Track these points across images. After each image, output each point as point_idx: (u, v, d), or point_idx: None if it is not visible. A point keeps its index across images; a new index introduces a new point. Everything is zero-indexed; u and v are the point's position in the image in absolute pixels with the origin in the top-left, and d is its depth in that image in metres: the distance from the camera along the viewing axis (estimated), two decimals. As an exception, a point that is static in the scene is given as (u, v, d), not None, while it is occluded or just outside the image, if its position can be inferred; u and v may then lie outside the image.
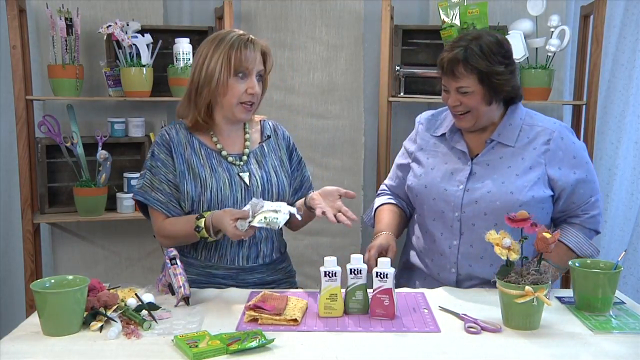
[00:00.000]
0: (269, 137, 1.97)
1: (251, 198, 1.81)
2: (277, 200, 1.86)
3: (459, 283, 1.92)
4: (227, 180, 1.85)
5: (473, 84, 1.82)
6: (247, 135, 1.94)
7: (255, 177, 1.88)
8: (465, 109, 1.87)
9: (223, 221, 1.70)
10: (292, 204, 1.93)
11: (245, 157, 1.90)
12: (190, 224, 1.79)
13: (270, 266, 1.94)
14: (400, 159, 2.12)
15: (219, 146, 1.89)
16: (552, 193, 1.89)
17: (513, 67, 1.87)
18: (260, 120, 2.01)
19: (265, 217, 1.65)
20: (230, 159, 1.88)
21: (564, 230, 1.92)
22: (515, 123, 1.92)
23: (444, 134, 1.98)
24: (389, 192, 2.16)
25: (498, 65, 1.82)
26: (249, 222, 1.66)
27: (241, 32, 1.86)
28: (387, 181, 2.19)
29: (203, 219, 1.77)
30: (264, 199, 1.79)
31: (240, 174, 1.87)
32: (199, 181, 1.84)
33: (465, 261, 1.90)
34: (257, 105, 1.89)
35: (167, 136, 1.89)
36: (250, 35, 1.85)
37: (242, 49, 1.80)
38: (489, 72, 1.81)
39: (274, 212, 1.67)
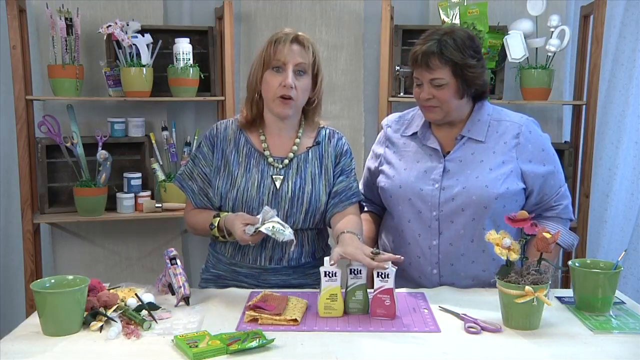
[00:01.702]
0: (318, 143, 1.92)
1: (279, 202, 1.83)
2: (308, 209, 1.85)
3: (442, 284, 1.91)
4: (256, 181, 1.85)
5: (447, 75, 1.84)
6: (298, 140, 1.90)
7: (287, 182, 1.85)
8: (436, 103, 1.88)
9: (234, 224, 1.73)
10: (326, 212, 1.88)
11: (286, 161, 1.87)
12: (208, 220, 1.84)
13: (297, 269, 1.91)
14: (369, 162, 2.12)
15: (264, 145, 1.89)
16: (524, 186, 1.91)
17: (483, 62, 1.90)
18: (321, 126, 1.96)
19: (273, 227, 1.67)
20: (270, 159, 1.87)
21: (544, 225, 1.93)
22: (483, 119, 1.93)
23: (414, 133, 1.99)
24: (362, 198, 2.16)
25: (470, 58, 1.84)
26: (257, 228, 1.68)
27: (287, 30, 1.84)
28: (360, 185, 2.18)
29: (218, 218, 1.82)
30: (293, 206, 1.83)
31: (274, 176, 1.86)
32: (230, 178, 1.86)
33: (447, 260, 1.90)
34: (298, 102, 1.85)
35: (215, 130, 1.93)
36: (295, 32, 1.83)
37: (275, 43, 1.80)
38: (462, 64, 1.83)
39: (282, 226, 1.69)
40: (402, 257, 1.64)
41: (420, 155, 1.95)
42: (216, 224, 1.81)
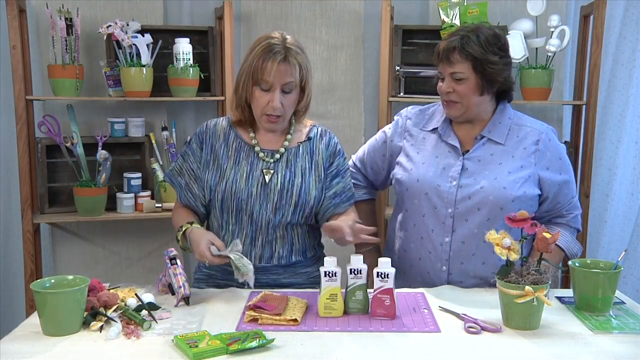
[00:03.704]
0: (309, 139, 1.92)
1: (267, 195, 1.84)
2: (297, 202, 1.84)
3: (450, 282, 1.92)
4: (245, 173, 1.85)
5: (467, 70, 1.86)
6: (289, 136, 1.90)
7: (277, 175, 1.85)
8: (456, 98, 1.89)
9: (201, 238, 1.74)
10: (321, 209, 1.89)
11: (277, 155, 1.87)
12: (180, 222, 1.86)
13: (288, 268, 1.91)
14: (378, 141, 2.11)
15: (254, 141, 1.89)
16: (539, 192, 1.92)
17: (508, 60, 1.91)
18: (310, 125, 1.96)
19: (241, 257, 1.71)
20: (261, 154, 1.87)
21: (550, 229, 1.93)
22: (504, 122, 1.95)
23: (434, 129, 2.00)
24: (357, 179, 2.14)
25: (492, 55, 1.86)
26: (223, 253, 1.71)
27: (277, 39, 1.78)
28: (353, 156, 2.19)
29: (189, 226, 1.81)
30: (282, 198, 1.84)
31: (264, 169, 1.86)
32: (220, 171, 1.86)
33: (457, 258, 1.91)
34: (286, 116, 1.84)
35: (205, 127, 1.94)
36: (286, 44, 1.77)
37: (262, 60, 1.75)
38: (483, 59, 1.84)
39: (248, 263, 1.71)
40: (379, 239, 1.69)
41: (439, 151, 1.96)
42: (183, 229, 1.81)
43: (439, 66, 1.92)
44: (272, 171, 1.85)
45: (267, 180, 1.84)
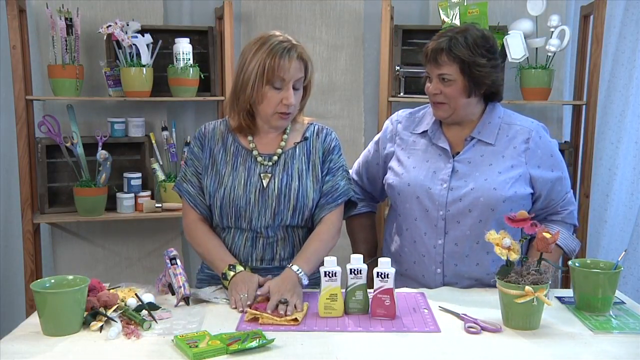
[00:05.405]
0: (306, 139, 1.91)
1: (266, 200, 1.82)
2: (296, 205, 1.83)
3: (445, 284, 1.92)
4: (243, 180, 1.84)
5: (455, 72, 1.85)
6: (285, 136, 1.89)
7: (274, 179, 1.84)
8: (444, 99, 1.89)
9: (240, 285, 1.72)
10: (316, 212, 1.87)
11: (275, 157, 1.87)
12: (220, 262, 1.81)
13: None
14: (371, 153, 2.11)
15: (251, 145, 1.88)
16: (532, 191, 1.91)
17: (496, 62, 1.90)
18: (307, 123, 1.95)
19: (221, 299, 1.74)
20: (259, 159, 1.86)
21: (549, 228, 1.93)
22: (494, 121, 1.94)
23: (424, 131, 1.99)
24: (356, 193, 2.11)
25: (480, 57, 1.85)
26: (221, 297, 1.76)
27: (282, 37, 1.80)
28: (355, 165, 2.19)
29: (232, 273, 1.77)
30: (280, 203, 1.82)
31: (262, 174, 1.85)
32: (218, 177, 1.86)
33: (451, 260, 1.90)
34: (294, 113, 1.86)
35: (203, 130, 1.93)
36: (293, 42, 1.79)
37: (277, 58, 1.75)
38: (470, 62, 1.83)
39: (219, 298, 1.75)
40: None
41: (429, 155, 1.95)
42: (230, 278, 1.76)
43: (426, 67, 1.91)
44: (269, 175, 1.85)
45: (264, 185, 1.83)
